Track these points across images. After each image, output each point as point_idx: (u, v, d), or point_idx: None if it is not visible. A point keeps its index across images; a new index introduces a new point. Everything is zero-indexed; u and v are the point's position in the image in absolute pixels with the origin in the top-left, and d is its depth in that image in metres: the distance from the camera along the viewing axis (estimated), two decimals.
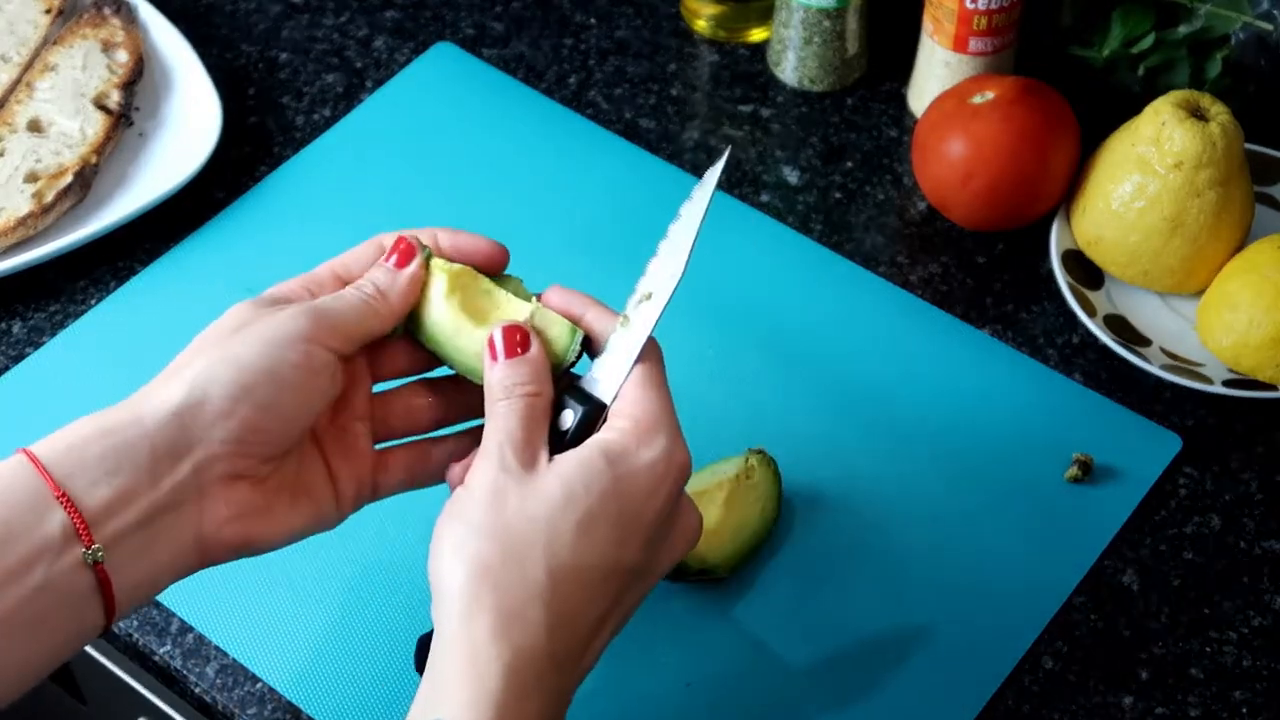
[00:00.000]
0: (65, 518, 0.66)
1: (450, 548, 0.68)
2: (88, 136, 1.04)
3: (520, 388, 0.71)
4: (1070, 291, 0.98)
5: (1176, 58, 1.05)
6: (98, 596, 0.67)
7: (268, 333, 0.71)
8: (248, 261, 1.02)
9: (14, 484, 0.66)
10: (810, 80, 1.11)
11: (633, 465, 0.69)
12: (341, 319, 0.73)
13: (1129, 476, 0.92)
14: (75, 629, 0.67)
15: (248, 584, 0.87)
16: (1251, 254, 0.95)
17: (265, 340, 0.71)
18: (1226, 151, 0.94)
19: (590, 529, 0.68)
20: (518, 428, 0.70)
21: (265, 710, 0.83)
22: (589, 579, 0.68)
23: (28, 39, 1.10)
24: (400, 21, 1.16)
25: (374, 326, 0.74)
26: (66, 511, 0.66)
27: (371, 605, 0.86)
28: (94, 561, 0.66)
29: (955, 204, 1.01)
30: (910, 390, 0.96)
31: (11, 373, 0.97)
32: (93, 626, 0.68)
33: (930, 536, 0.89)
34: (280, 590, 0.87)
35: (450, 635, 0.66)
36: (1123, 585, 0.88)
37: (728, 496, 0.87)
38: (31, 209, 1.00)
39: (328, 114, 1.10)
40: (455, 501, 0.70)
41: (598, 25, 1.16)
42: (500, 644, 0.66)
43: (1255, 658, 0.85)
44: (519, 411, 0.71)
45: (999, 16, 1.03)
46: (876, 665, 0.84)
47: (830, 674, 0.84)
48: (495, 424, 0.71)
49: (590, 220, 1.04)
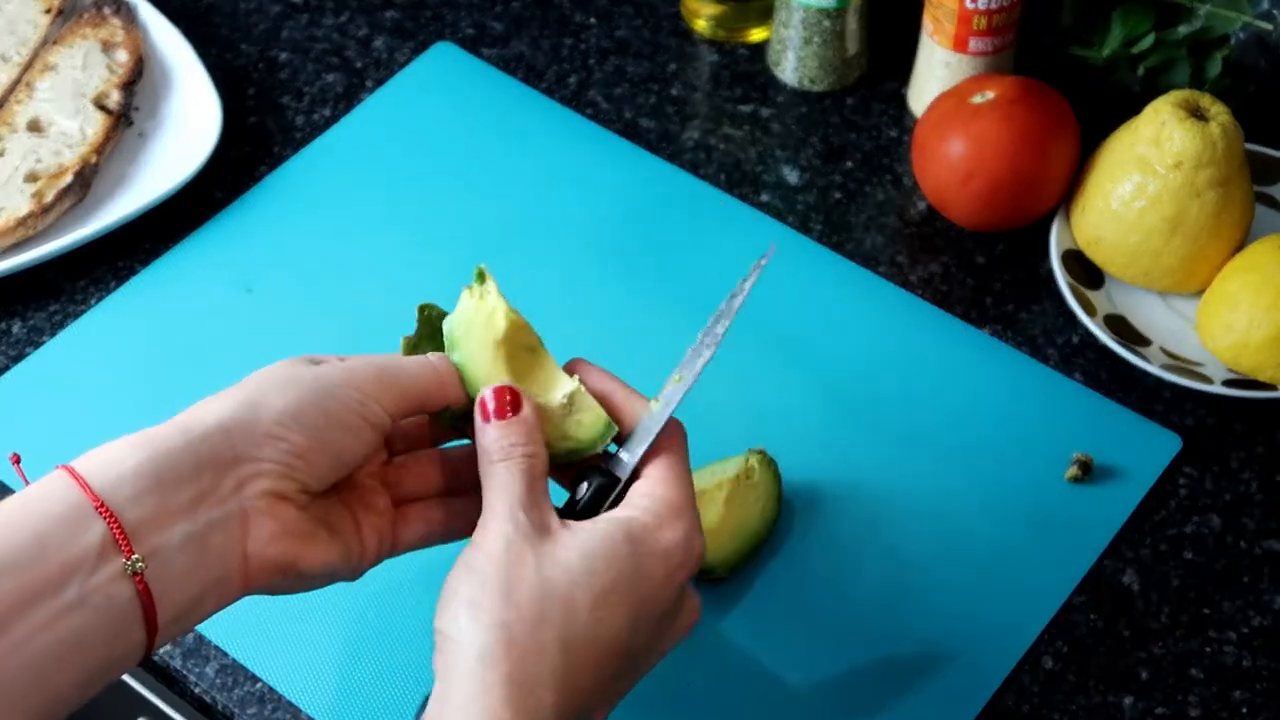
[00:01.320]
0: (105, 528, 0.64)
1: (466, 604, 0.67)
2: (88, 136, 1.04)
3: (518, 449, 0.71)
4: (1070, 291, 0.98)
5: (1176, 58, 1.05)
6: (139, 614, 0.65)
7: (320, 375, 0.71)
8: (248, 261, 1.02)
9: (51, 496, 0.65)
10: (810, 80, 1.11)
11: (653, 547, 0.69)
12: (406, 384, 0.73)
13: (1129, 476, 0.92)
14: (115, 650, 0.65)
15: None
16: (1251, 254, 0.95)
17: (316, 376, 0.70)
18: (1226, 151, 0.94)
19: (607, 604, 0.68)
20: (524, 489, 0.70)
21: (265, 710, 0.83)
22: (599, 654, 0.68)
23: (28, 39, 1.10)
24: (400, 21, 1.16)
25: (433, 400, 0.73)
26: (105, 521, 0.64)
27: (372, 605, 0.86)
28: (133, 572, 0.64)
29: (955, 204, 1.01)
30: (910, 390, 0.96)
31: (11, 373, 0.97)
32: (135, 646, 0.65)
33: (930, 536, 0.89)
34: None
35: (464, 699, 0.65)
36: (1123, 585, 0.88)
37: (728, 496, 0.87)
38: (31, 209, 1.00)
39: (328, 114, 1.10)
40: (468, 558, 0.69)
41: (598, 25, 1.16)
42: (512, 711, 0.65)
43: (1255, 658, 0.85)
44: (522, 472, 0.70)
45: (999, 16, 1.03)
46: (876, 665, 0.84)
47: (830, 674, 0.84)
48: (498, 483, 0.70)
49: (590, 220, 1.04)
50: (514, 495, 0.70)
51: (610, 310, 1.00)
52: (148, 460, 0.66)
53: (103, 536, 0.64)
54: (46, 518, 0.64)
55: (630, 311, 0.99)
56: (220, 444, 0.67)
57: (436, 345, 0.76)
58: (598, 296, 1.01)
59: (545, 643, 0.66)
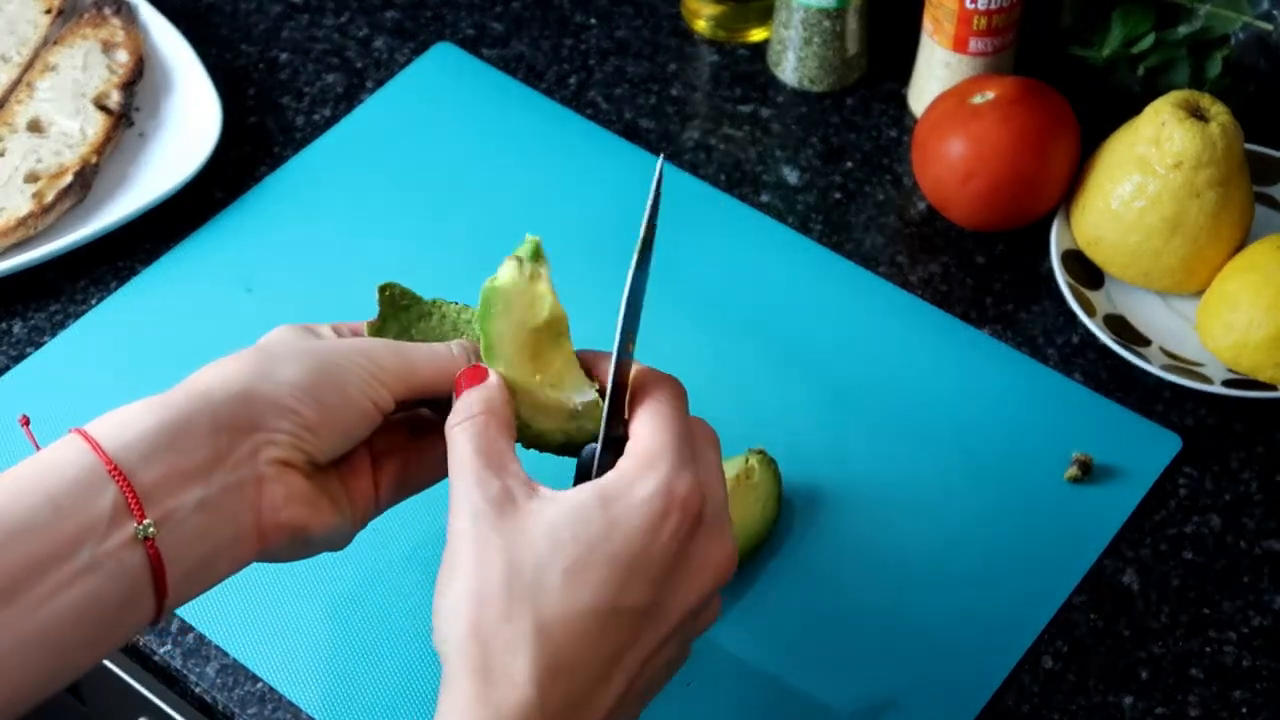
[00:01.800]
0: (117, 492, 0.64)
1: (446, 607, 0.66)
2: (88, 136, 1.04)
3: (468, 410, 0.70)
4: (1070, 291, 0.98)
5: (1176, 58, 1.05)
6: (149, 579, 0.65)
7: (334, 349, 0.70)
8: (248, 261, 1.02)
9: (65, 460, 0.65)
10: (810, 80, 1.11)
11: (629, 500, 0.66)
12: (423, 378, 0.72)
13: (1129, 476, 0.92)
14: (126, 614, 0.65)
15: (247, 584, 0.87)
16: (1251, 254, 0.95)
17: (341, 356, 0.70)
18: (1226, 151, 0.94)
19: (581, 574, 0.65)
20: (478, 453, 0.68)
21: (265, 710, 0.83)
22: (584, 626, 0.65)
23: (28, 39, 1.10)
24: (400, 21, 1.16)
25: (444, 391, 0.73)
26: (118, 485, 0.64)
27: (373, 605, 0.86)
28: (144, 537, 0.64)
29: (955, 204, 1.01)
30: (910, 390, 0.96)
31: (11, 373, 0.97)
32: (146, 609, 0.66)
33: (930, 536, 0.89)
34: (280, 590, 0.87)
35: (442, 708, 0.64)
36: (1123, 585, 0.88)
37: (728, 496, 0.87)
38: (32, 209, 1.00)
39: (328, 114, 1.10)
40: (446, 553, 0.67)
41: (598, 25, 1.16)
42: (480, 707, 0.63)
43: (1255, 658, 0.85)
44: (470, 437, 0.69)
45: (999, 16, 1.03)
46: (876, 665, 0.84)
47: (830, 674, 0.84)
48: (454, 457, 0.69)
49: (590, 220, 1.04)
50: (469, 465, 0.68)
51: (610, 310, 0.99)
52: (162, 424, 0.66)
53: (114, 500, 0.64)
54: (61, 480, 0.64)
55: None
56: (239, 410, 0.68)
57: (402, 326, 0.76)
58: (597, 296, 1.00)
59: (516, 628, 0.64)
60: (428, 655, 0.84)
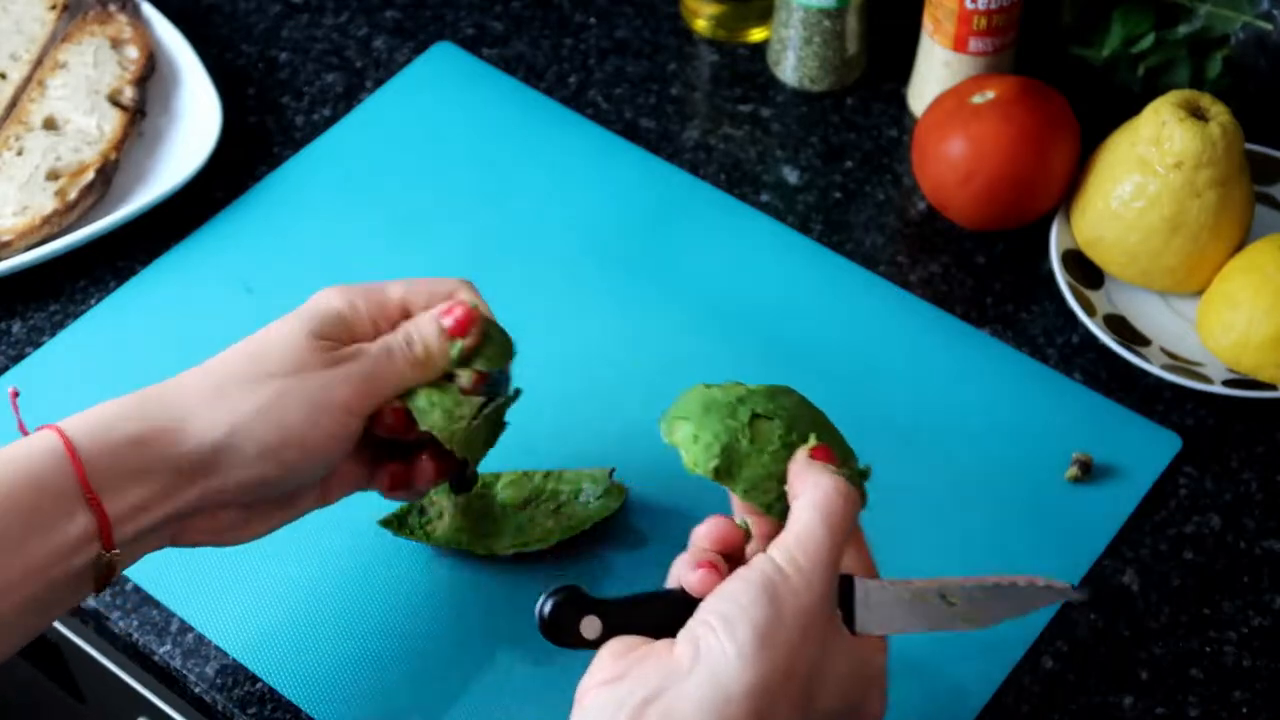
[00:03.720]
0: (91, 520, 0.69)
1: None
2: (105, 133, 1.04)
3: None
4: (1070, 291, 0.98)
5: (1176, 58, 1.05)
6: (92, 583, 0.71)
7: (316, 395, 0.73)
8: (248, 261, 1.02)
9: (45, 469, 0.69)
10: (810, 80, 1.11)
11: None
12: (387, 385, 0.75)
13: (1129, 476, 0.92)
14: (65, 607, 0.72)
15: (248, 584, 0.87)
16: (1252, 254, 0.95)
17: (311, 404, 0.73)
18: (1226, 151, 0.94)
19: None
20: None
21: (265, 710, 0.83)
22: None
23: (36, 36, 1.10)
24: (400, 21, 1.16)
25: (411, 385, 0.76)
26: (95, 515, 0.69)
27: (373, 606, 0.86)
28: (106, 563, 0.70)
29: (955, 204, 1.01)
30: (910, 390, 0.95)
31: (11, 373, 0.97)
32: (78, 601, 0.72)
33: (930, 536, 0.89)
34: (281, 591, 0.87)
35: None
36: (1123, 585, 0.88)
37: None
38: (56, 207, 1.00)
39: (328, 114, 1.10)
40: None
41: (598, 25, 1.16)
42: None
43: (1255, 658, 0.85)
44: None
45: (999, 16, 1.03)
46: None
47: None
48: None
49: (590, 220, 1.04)
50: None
51: (610, 310, 1.00)
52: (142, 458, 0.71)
53: (87, 527, 0.69)
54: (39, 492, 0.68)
55: (630, 311, 0.99)
56: (204, 461, 0.72)
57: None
58: (597, 296, 1.01)
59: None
60: (429, 656, 0.84)
